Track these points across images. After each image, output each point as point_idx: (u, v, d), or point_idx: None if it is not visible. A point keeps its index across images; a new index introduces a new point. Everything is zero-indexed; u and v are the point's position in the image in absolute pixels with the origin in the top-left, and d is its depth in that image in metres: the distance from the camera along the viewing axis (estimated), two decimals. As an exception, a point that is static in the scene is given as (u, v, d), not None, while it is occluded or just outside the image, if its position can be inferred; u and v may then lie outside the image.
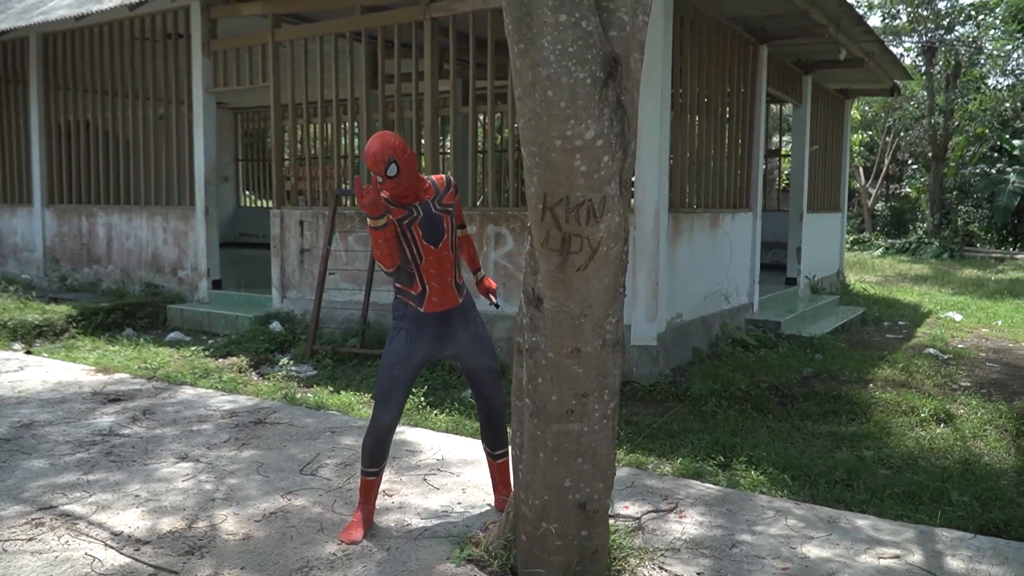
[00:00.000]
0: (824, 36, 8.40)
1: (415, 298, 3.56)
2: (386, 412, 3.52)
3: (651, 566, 3.29)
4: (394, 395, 3.52)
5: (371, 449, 3.59)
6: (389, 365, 3.54)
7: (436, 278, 3.54)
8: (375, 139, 3.42)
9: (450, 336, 3.62)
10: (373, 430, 3.57)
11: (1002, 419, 5.75)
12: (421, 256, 3.52)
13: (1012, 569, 3.32)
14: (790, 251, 10.80)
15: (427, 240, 3.51)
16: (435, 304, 3.56)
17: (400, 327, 3.58)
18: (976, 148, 23.09)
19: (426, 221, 3.52)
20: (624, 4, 2.63)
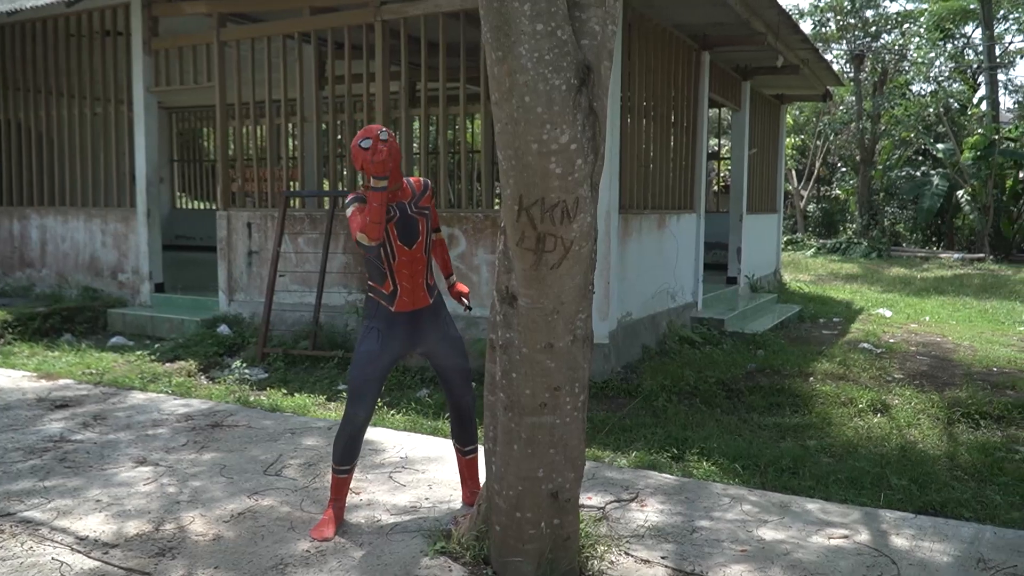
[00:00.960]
0: (763, 44, 8.71)
1: (386, 297, 3.61)
2: (360, 408, 3.59)
3: (618, 552, 3.42)
4: (367, 392, 3.58)
5: (344, 446, 3.65)
6: (362, 364, 3.59)
7: (408, 278, 3.60)
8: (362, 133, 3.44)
9: (420, 335, 3.69)
10: (347, 427, 3.62)
11: (934, 408, 6.08)
12: (395, 256, 3.57)
13: (951, 545, 3.55)
14: (731, 251, 11.13)
15: (402, 241, 3.56)
16: (406, 304, 3.62)
17: (372, 326, 3.63)
18: (901, 152, 24.03)
19: (402, 222, 3.56)
20: (595, 14, 2.76)
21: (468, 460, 3.92)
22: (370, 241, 3.40)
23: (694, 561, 3.38)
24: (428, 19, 7.52)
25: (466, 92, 7.55)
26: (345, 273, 7.98)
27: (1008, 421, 5.85)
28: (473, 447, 3.91)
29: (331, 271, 7.86)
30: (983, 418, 5.89)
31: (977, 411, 5.97)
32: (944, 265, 18.92)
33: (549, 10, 2.59)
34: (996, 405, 6.06)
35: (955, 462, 5.05)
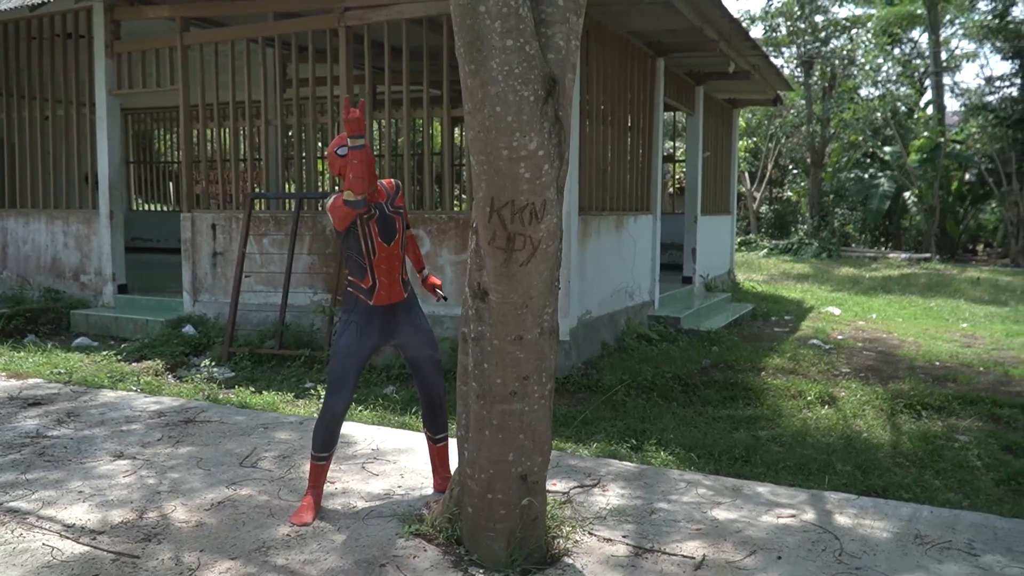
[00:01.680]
0: (715, 50, 9.03)
1: (365, 291, 3.81)
2: (339, 397, 3.80)
3: (582, 532, 3.65)
4: (346, 383, 3.79)
5: (324, 434, 3.84)
6: (342, 356, 3.79)
7: (386, 273, 3.81)
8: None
9: (395, 327, 3.91)
10: (327, 415, 3.82)
11: (878, 400, 6.42)
12: (375, 252, 3.79)
13: (891, 523, 3.85)
14: (686, 251, 11.46)
15: (382, 238, 3.79)
16: (383, 297, 3.82)
17: (350, 320, 3.83)
18: (850, 154, 24.75)
19: (381, 221, 3.80)
20: (560, 31, 2.98)
21: (439, 448, 4.11)
22: (356, 196, 3.55)
23: (653, 539, 3.62)
24: (391, 25, 7.69)
25: (428, 96, 7.73)
26: (311, 273, 8.11)
27: (948, 412, 6.21)
28: (444, 435, 4.11)
29: (296, 272, 7.98)
30: (924, 409, 6.24)
31: (919, 402, 6.32)
32: (892, 265, 19.56)
33: (518, 27, 2.81)
34: (937, 397, 6.42)
35: (897, 450, 5.37)
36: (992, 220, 23.42)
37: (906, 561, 3.44)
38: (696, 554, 3.47)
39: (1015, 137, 20.61)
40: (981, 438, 5.57)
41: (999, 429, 5.82)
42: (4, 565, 3.29)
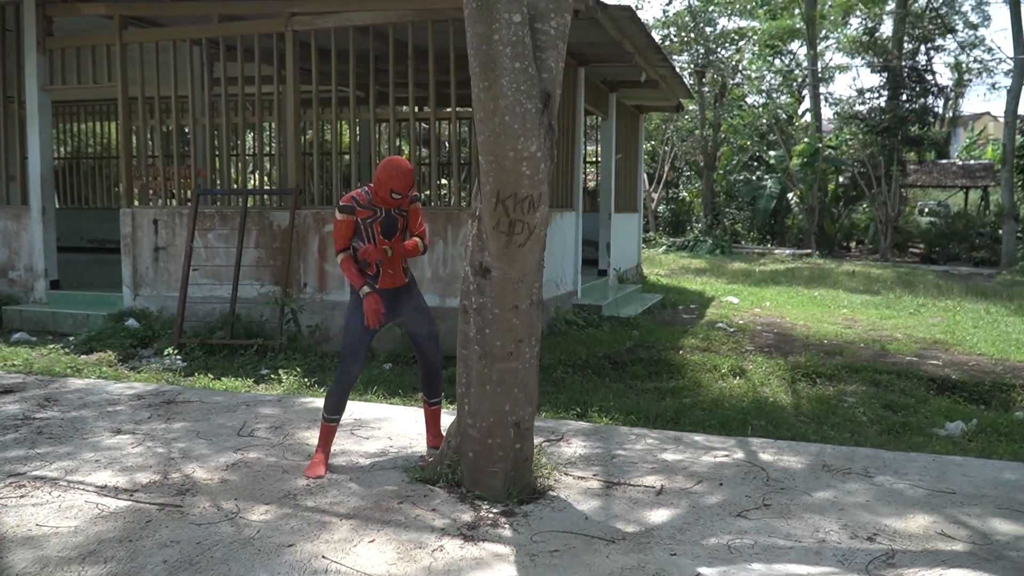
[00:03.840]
0: (631, 62, 9.90)
1: (371, 277, 4.39)
2: (353, 366, 4.36)
3: (559, 473, 4.35)
4: (359, 353, 4.36)
5: (337, 399, 4.38)
6: (352, 329, 4.37)
7: (386, 263, 4.39)
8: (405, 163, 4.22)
9: (398, 307, 4.48)
10: (341, 382, 4.37)
11: (780, 371, 7.38)
12: (376, 245, 4.34)
13: (803, 458, 4.71)
14: (601, 246, 12.33)
15: (383, 235, 4.36)
16: (387, 282, 4.41)
17: (357, 301, 4.37)
18: (739, 158, 26.46)
19: (385, 222, 4.36)
20: (552, 55, 3.66)
21: (433, 410, 4.72)
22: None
23: (618, 476, 4.35)
24: (338, 31, 8.17)
25: (376, 96, 8.25)
26: (257, 267, 8.48)
27: (838, 379, 7.22)
28: (438, 400, 4.72)
29: (243, 265, 8.33)
30: (819, 377, 7.24)
31: (814, 372, 7.32)
32: (778, 260, 21.14)
33: (523, 52, 3.47)
34: (828, 367, 7.44)
35: (799, 410, 6.30)
36: (864, 219, 25.51)
37: (818, 483, 4.29)
38: (656, 484, 4.22)
39: (883, 144, 22.59)
40: (865, 399, 6.57)
41: (879, 392, 6.85)
42: (58, 518, 3.71)
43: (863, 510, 3.94)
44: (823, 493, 4.15)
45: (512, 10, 3.43)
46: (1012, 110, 19.70)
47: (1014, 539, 3.61)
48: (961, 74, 30.58)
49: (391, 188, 4.19)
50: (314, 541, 3.48)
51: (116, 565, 3.22)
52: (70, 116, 16.56)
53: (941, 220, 24.60)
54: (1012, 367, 7.53)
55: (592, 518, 3.79)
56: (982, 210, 25.53)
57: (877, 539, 3.60)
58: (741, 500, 4.04)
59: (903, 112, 22.74)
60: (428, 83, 7.99)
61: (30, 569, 3.18)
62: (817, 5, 25.86)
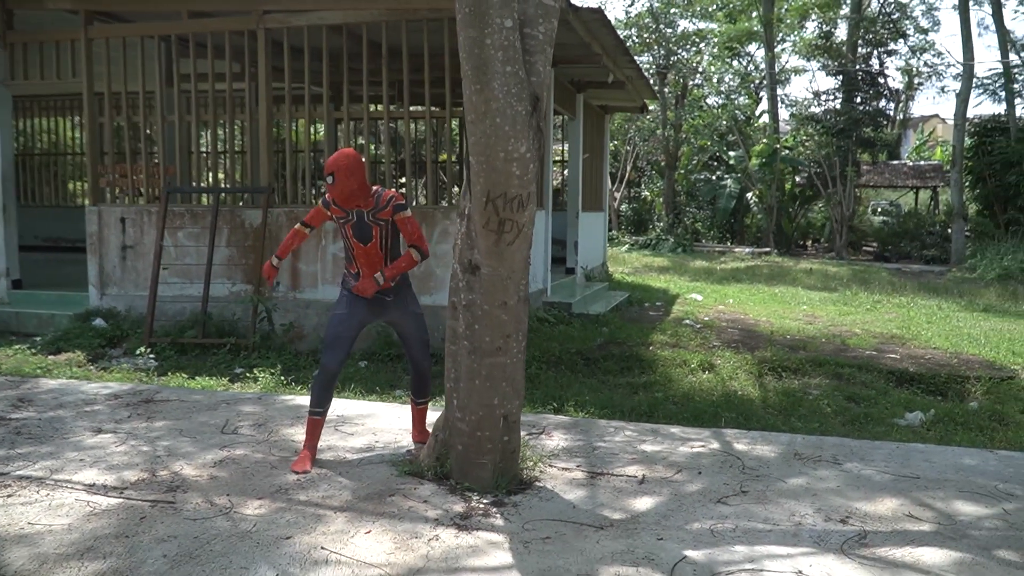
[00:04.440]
0: (599, 63, 10.06)
1: (353, 275, 4.50)
2: (332, 359, 4.40)
3: (544, 464, 4.47)
4: (339, 346, 4.41)
5: (319, 391, 4.44)
6: (334, 324, 4.45)
7: (366, 266, 4.44)
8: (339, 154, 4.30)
9: (382, 310, 4.57)
10: (321, 374, 4.43)
11: (748, 365, 7.59)
12: (352, 248, 4.45)
13: (775, 447, 4.90)
14: (568, 245, 12.49)
15: (356, 238, 4.41)
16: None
17: (343, 294, 4.51)
18: (700, 158, 26.87)
19: (357, 225, 4.40)
20: (540, 59, 3.78)
21: (420, 409, 4.81)
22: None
23: (601, 466, 4.49)
24: (311, 30, 8.19)
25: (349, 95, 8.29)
26: (229, 265, 8.46)
27: (802, 372, 7.46)
28: (425, 400, 4.80)
29: (215, 263, 8.30)
30: (784, 371, 7.46)
31: (779, 366, 7.54)
32: (738, 258, 21.54)
33: (514, 56, 3.58)
34: (793, 361, 7.67)
35: (767, 402, 6.51)
36: (819, 219, 26.10)
37: (791, 469, 4.48)
38: (637, 474, 4.37)
39: (839, 145, 23.13)
40: (829, 391, 6.81)
41: (842, 384, 7.10)
42: (50, 517, 3.72)
43: (835, 495, 4.12)
44: (796, 480, 4.34)
45: (504, 15, 3.54)
46: (962, 113, 20.31)
47: (976, 519, 3.82)
48: (912, 78, 31.43)
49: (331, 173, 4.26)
50: (311, 533, 3.55)
51: (116, 560, 3.26)
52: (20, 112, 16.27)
53: (893, 219, 25.28)
54: (966, 360, 7.84)
55: (579, 507, 3.92)
56: (932, 210, 26.26)
57: (849, 521, 3.79)
58: (720, 487, 4.21)
59: (857, 114, 23.31)
60: (402, 82, 8.06)
61: (28, 566, 3.20)
62: (775, 9, 26.37)
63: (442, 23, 7.76)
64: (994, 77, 23.62)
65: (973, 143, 21.45)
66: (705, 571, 3.25)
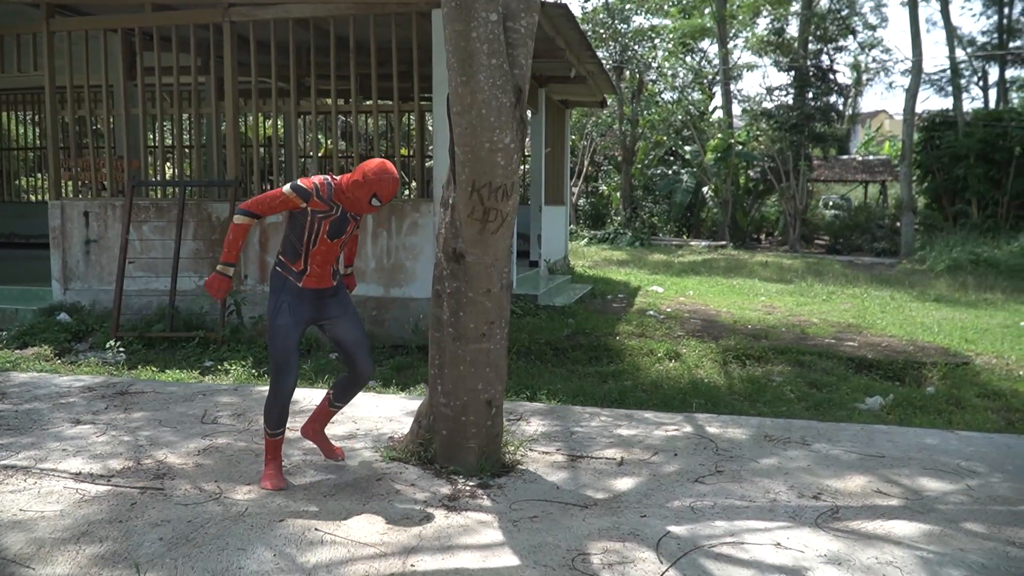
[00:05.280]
0: (562, 58, 10.19)
1: (295, 274, 3.95)
2: (288, 377, 3.95)
3: (525, 449, 4.58)
4: (291, 362, 3.95)
5: (278, 413, 3.99)
6: (281, 337, 3.91)
7: (319, 264, 3.95)
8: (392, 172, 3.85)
9: (324, 310, 4.05)
10: (279, 396, 3.96)
11: (712, 354, 7.79)
12: (315, 244, 3.92)
13: (746, 429, 5.09)
14: (532, 238, 12.62)
15: (328, 235, 3.93)
16: (312, 282, 3.96)
17: (282, 301, 3.93)
18: (656, 152, 27.22)
19: (337, 222, 3.94)
20: (522, 52, 3.88)
21: (331, 412, 4.40)
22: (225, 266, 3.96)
23: (580, 449, 4.62)
24: (278, 23, 8.18)
25: (317, 89, 8.31)
26: (196, 259, 8.42)
27: (765, 360, 7.68)
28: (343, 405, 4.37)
29: (181, 257, 8.25)
30: (748, 359, 7.68)
31: (743, 354, 7.76)
32: (695, 251, 21.90)
33: (499, 50, 3.68)
34: (756, 349, 7.90)
35: (733, 389, 6.71)
36: (773, 212, 26.62)
37: (762, 451, 4.66)
38: (616, 457, 4.51)
39: (791, 140, 23.64)
40: (791, 378, 7.04)
41: (803, 371, 7.34)
42: (40, 504, 3.73)
43: (806, 473, 4.31)
44: (768, 460, 4.52)
45: (489, 9, 3.64)
46: (911, 108, 20.90)
47: (942, 494, 4.03)
48: (860, 73, 32.18)
49: (375, 192, 3.83)
50: (303, 516, 3.62)
51: (112, 544, 3.29)
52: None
53: (844, 213, 25.91)
54: (921, 347, 8.16)
55: (563, 487, 4.04)
56: (881, 203, 26.98)
57: (822, 497, 3.97)
58: (696, 468, 4.37)
59: (809, 110, 23.84)
60: (369, 76, 8.09)
61: (26, 551, 3.22)
62: (727, 5, 26.81)
63: (410, 17, 7.81)
64: (942, 73, 24.37)
65: (921, 138, 22.10)
66: (689, 545, 3.39)
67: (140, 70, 8.70)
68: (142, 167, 9.04)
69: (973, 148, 20.69)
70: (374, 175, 3.81)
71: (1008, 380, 6.93)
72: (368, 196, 3.86)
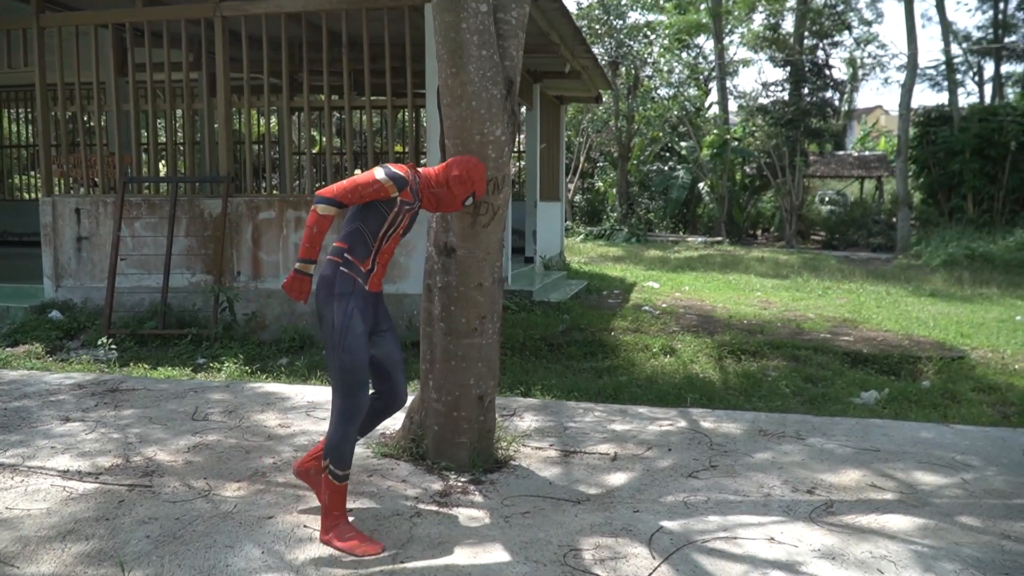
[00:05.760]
0: (556, 53, 10.16)
1: (363, 274, 3.44)
2: (364, 395, 3.41)
3: (518, 444, 4.55)
4: (365, 377, 3.41)
5: (351, 447, 3.41)
6: (355, 348, 3.35)
7: (383, 264, 3.53)
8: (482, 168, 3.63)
9: (377, 318, 3.59)
10: (354, 419, 3.37)
11: (708, 349, 7.76)
12: (388, 240, 3.50)
13: (741, 424, 5.06)
14: (527, 234, 12.59)
15: (404, 231, 3.56)
16: (375, 284, 3.52)
17: (352, 306, 3.39)
18: (652, 149, 27.19)
19: (414, 217, 3.59)
20: (513, 44, 3.84)
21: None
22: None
23: (573, 445, 4.59)
24: (269, 18, 8.12)
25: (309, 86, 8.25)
26: (188, 255, 8.36)
27: (760, 355, 7.65)
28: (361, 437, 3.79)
29: (174, 253, 8.20)
30: (743, 354, 7.65)
31: (739, 349, 7.73)
32: (691, 247, 21.88)
33: (489, 41, 3.64)
34: (751, 344, 7.86)
35: (728, 384, 6.68)
36: (769, 208, 26.62)
37: (757, 445, 4.63)
38: (609, 452, 4.48)
39: (787, 135, 23.62)
40: (787, 373, 7.01)
41: (799, 366, 7.30)
42: (27, 501, 3.69)
43: (800, 467, 4.28)
44: (763, 454, 4.49)
45: (479, 0, 3.60)
46: (906, 103, 20.88)
47: (936, 488, 4.01)
48: (856, 69, 32.16)
49: (474, 192, 3.58)
50: (293, 512, 3.58)
51: (99, 542, 3.25)
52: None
53: (840, 209, 25.91)
54: (917, 341, 8.13)
55: (555, 483, 4.01)
56: (877, 199, 26.97)
57: (816, 492, 3.95)
58: (690, 463, 4.34)
59: (805, 105, 23.82)
60: (362, 72, 8.04)
61: (11, 548, 3.18)
62: (723, 1, 26.76)
63: (403, 11, 7.76)
64: (937, 68, 24.36)
65: (917, 133, 22.09)
66: (681, 540, 3.36)
67: (131, 66, 8.64)
68: (134, 163, 8.98)
69: (969, 143, 20.69)
70: (479, 173, 3.57)
71: (1003, 374, 6.91)
72: (466, 195, 3.57)
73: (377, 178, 3.37)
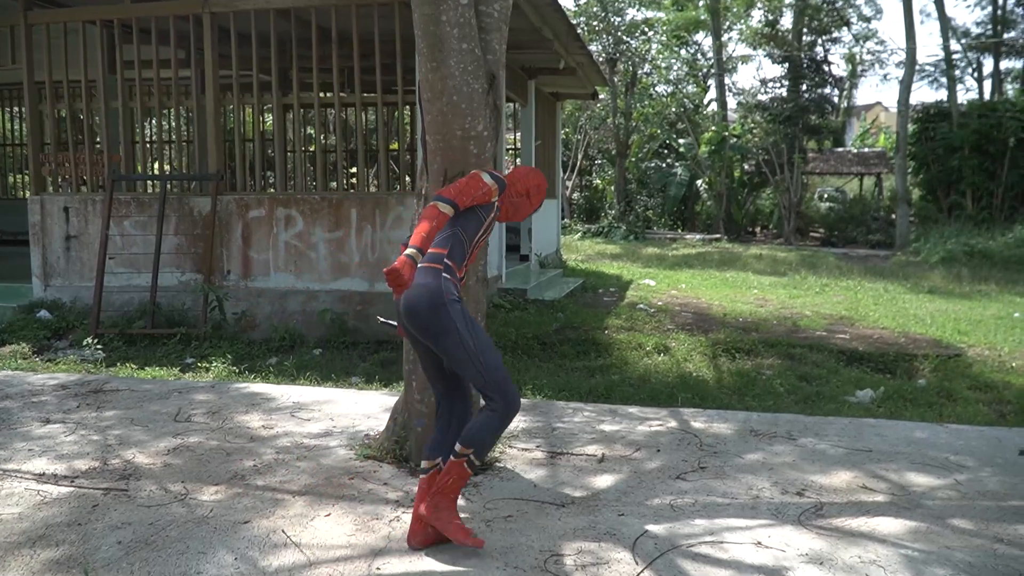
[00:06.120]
0: (550, 49, 10.07)
1: (458, 281, 3.32)
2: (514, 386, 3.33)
3: (504, 445, 4.47)
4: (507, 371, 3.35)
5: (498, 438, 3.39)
6: (490, 348, 3.27)
7: (467, 271, 3.47)
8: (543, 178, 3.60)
9: None
10: (509, 414, 3.29)
11: (702, 347, 7.68)
12: (477, 246, 3.44)
13: (732, 424, 4.97)
14: (523, 232, 12.50)
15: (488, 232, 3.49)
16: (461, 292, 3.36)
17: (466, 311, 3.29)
18: (650, 146, 27.09)
19: (493, 221, 3.50)
20: (495, 37, 3.76)
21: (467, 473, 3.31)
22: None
23: (560, 446, 4.51)
24: (258, 14, 8.03)
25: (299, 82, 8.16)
26: (178, 254, 8.28)
27: (755, 353, 7.57)
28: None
29: (163, 252, 8.11)
30: (738, 352, 7.57)
31: (733, 347, 7.64)
32: (689, 245, 21.79)
33: (470, 34, 3.56)
34: (746, 343, 7.78)
35: (722, 383, 6.60)
36: (768, 205, 26.52)
37: (748, 446, 4.55)
38: (597, 453, 4.40)
39: (785, 132, 23.50)
40: (782, 371, 6.93)
41: (794, 364, 7.23)
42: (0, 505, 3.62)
43: (791, 469, 4.20)
44: (753, 455, 4.41)
45: (459, -8, 3.52)
46: (905, 100, 20.77)
47: (929, 490, 3.93)
48: (855, 65, 32.04)
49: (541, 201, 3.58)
50: (270, 517, 3.50)
51: (69, 548, 3.18)
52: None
53: (839, 205, 25.80)
54: (914, 339, 8.05)
55: (540, 485, 3.93)
56: (876, 196, 26.87)
57: (806, 494, 3.86)
58: (678, 464, 4.25)
59: (803, 102, 23.69)
60: (352, 69, 7.95)
61: (-23, 556, 3.11)
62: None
63: (393, 7, 7.67)
64: (936, 64, 24.25)
65: (916, 129, 21.97)
66: (666, 544, 3.28)
67: (120, 63, 8.55)
68: (124, 162, 8.89)
69: (968, 139, 20.59)
70: (542, 180, 3.55)
71: (1000, 372, 6.83)
72: (537, 206, 3.58)
73: (485, 182, 3.33)
